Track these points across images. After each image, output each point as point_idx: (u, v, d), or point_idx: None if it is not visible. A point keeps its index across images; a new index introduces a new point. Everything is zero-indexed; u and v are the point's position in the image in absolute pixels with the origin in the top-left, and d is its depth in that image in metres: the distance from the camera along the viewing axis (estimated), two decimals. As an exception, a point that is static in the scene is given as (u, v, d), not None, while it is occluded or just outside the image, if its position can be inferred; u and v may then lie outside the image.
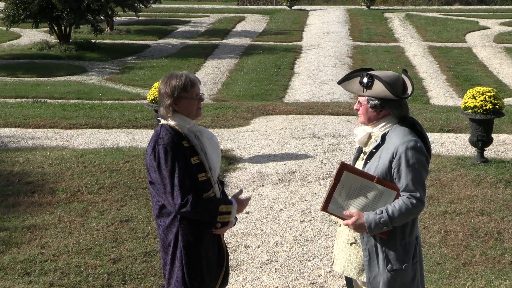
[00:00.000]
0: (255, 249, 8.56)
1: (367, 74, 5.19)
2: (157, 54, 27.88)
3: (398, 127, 5.17)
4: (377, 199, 5.12)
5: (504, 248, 8.39)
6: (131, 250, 8.36)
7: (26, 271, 7.82)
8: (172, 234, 5.37)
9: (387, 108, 5.19)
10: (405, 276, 5.20)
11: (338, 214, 5.21)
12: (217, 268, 5.53)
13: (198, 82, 5.44)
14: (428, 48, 28.92)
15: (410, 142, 5.07)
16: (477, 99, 11.29)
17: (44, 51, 27.49)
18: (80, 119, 15.20)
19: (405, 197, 5.06)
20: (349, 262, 5.32)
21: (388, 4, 46.70)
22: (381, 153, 5.15)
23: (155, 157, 5.27)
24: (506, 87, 21.39)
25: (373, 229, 5.06)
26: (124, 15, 35.48)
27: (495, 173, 11.00)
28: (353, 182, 5.13)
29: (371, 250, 5.18)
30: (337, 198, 5.17)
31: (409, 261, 5.19)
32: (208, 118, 15.18)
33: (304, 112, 16.22)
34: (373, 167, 5.16)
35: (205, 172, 5.36)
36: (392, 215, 5.02)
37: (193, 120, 5.44)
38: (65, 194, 10.30)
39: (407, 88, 5.24)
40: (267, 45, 30.04)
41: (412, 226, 5.22)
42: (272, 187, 10.79)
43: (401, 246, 5.17)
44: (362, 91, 5.23)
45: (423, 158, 5.10)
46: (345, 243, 5.34)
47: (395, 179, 5.10)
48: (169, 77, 5.41)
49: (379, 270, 5.16)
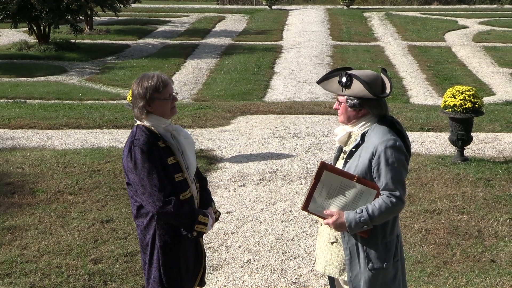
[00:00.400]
0: (236, 248, 8.56)
1: (346, 74, 5.19)
2: (137, 54, 27.81)
3: (377, 126, 5.18)
4: (357, 198, 5.13)
5: (484, 246, 8.44)
6: (112, 251, 8.33)
7: (6, 272, 7.78)
8: (149, 234, 5.36)
9: (366, 107, 5.19)
10: (386, 275, 5.21)
11: (318, 214, 5.21)
12: (195, 268, 5.53)
13: (170, 82, 5.41)
14: (407, 47, 29.02)
15: (389, 141, 5.08)
16: (456, 98, 11.34)
17: (23, 51, 27.35)
18: (60, 119, 15.13)
19: (385, 196, 5.07)
20: (330, 261, 5.32)
21: (367, 4, 46.84)
22: (361, 152, 5.16)
23: (131, 159, 5.25)
24: (485, 86, 21.51)
25: (353, 228, 5.07)
26: (104, 15, 35.37)
27: (475, 172, 11.05)
28: (333, 181, 5.14)
29: (352, 249, 5.19)
30: (317, 198, 5.17)
31: (390, 260, 5.20)
32: (188, 118, 15.16)
33: (285, 112, 16.24)
34: (353, 166, 5.16)
35: (182, 172, 5.36)
36: (372, 214, 5.03)
37: (168, 120, 5.42)
38: (45, 194, 10.25)
39: (386, 87, 5.25)
40: (247, 44, 30.05)
41: (393, 225, 5.24)
42: (253, 186, 10.79)
43: (382, 245, 5.18)
44: (341, 90, 5.23)
45: (403, 157, 5.11)
46: (327, 242, 5.35)
47: (375, 178, 5.11)
48: (141, 78, 5.37)
49: (360, 269, 5.17)
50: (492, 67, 24.75)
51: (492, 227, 8.96)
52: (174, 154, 5.35)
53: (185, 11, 42.31)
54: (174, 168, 5.32)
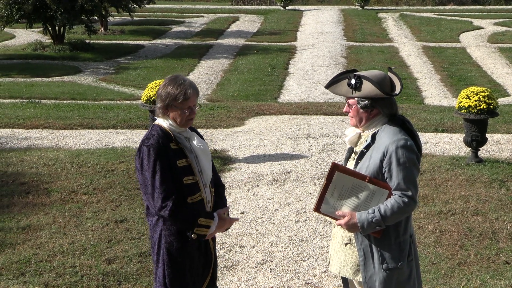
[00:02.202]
0: (250, 249, 8.56)
1: (355, 76, 5.18)
2: (151, 54, 27.85)
3: (387, 127, 5.18)
4: (369, 198, 5.13)
5: (498, 248, 8.41)
6: (126, 251, 8.35)
7: (21, 272, 7.81)
8: (156, 234, 5.38)
9: (378, 107, 5.18)
10: (401, 275, 5.21)
11: (330, 215, 5.21)
12: (203, 272, 5.49)
13: (195, 94, 5.37)
14: (422, 48, 28.93)
15: (400, 141, 5.08)
16: (471, 99, 11.30)
17: (38, 51, 27.44)
18: (75, 119, 15.18)
19: (397, 195, 5.08)
20: (344, 262, 5.32)
21: (382, 4, 46.74)
22: (372, 152, 5.16)
23: (139, 158, 5.28)
24: (500, 87, 21.41)
25: (366, 228, 5.07)
26: (118, 16, 35.42)
27: (489, 173, 11.01)
28: (345, 182, 5.13)
29: (366, 250, 5.19)
30: (329, 199, 5.17)
31: (405, 259, 5.20)
32: (202, 119, 15.17)
33: (299, 112, 16.23)
34: (364, 167, 5.16)
35: (193, 175, 5.33)
36: (384, 214, 5.03)
37: (183, 128, 5.40)
38: (59, 194, 10.29)
39: (395, 85, 5.23)
40: (262, 45, 30.03)
41: (406, 225, 5.24)
42: (267, 187, 10.79)
43: (395, 244, 5.18)
44: (351, 93, 5.22)
45: (414, 157, 5.10)
46: (340, 244, 5.34)
47: (387, 178, 5.11)
48: (170, 81, 5.37)
49: (375, 270, 5.17)
50: (507, 68, 24.64)
51: (506, 229, 8.93)
52: (186, 157, 5.34)
53: (199, 12, 42.33)
54: (184, 171, 5.30)
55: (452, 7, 45.77)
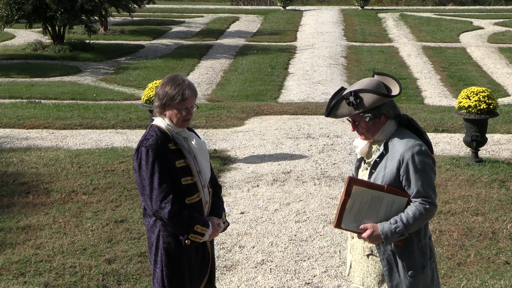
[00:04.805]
0: (250, 249, 8.56)
1: (351, 93, 5.09)
2: (151, 54, 27.85)
3: (398, 134, 5.12)
4: (389, 208, 5.07)
5: (498, 248, 8.41)
6: (126, 251, 8.35)
7: (21, 272, 7.81)
8: (154, 234, 5.37)
9: (384, 113, 5.11)
10: (426, 278, 5.17)
11: (352, 229, 5.15)
12: (201, 272, 5.49)
13: (193, 95, 5.34)
14: (422, 48, 28.94)
15: (415, 147, 5.03)
16: (471, 99, 11.30)
17: (38, 51, 27.45)
18: (75, 119, 15.18)
19: (418, 202, 5.02)
20: (367, 273, 5.24)
21: (382, 4, 46.73)
22: (386, 161, 5.10)
23: (137, 158, 5.28)
24: (500, 87, 21.41)
25: (389, 239, 5.02)
26: (118, 16, 35.43)
27: (489, 173, 11.01)
28: (364, 195, 5.06)
29: (389, 259, 5.13)
30: (349, 213, 5.09)
31: (427, 263, 5.17)
32: (202, 119, 15.17)
33: (299, 112, 16.23)
34: (380, 177, 5.10)
35: (192, 176, 5.33)
36: (407, 222, 4.99)
37: (180, 128, 5.40)
38: (59, 194, 10.29)
39: (388, 86, 5.17)
40: (262, 45, 30.03)
41: (426, 229, 5.21)
42: (267, 187, 10.79)
43: (418, 250, 5.14)
44: (354, 110, 5.11)
45: (430, 161, 5.06)
46: (362, 255, 5.26)
47: (405, 186, 5.05)
48: (168, 80, 5.35)
49: (400, 278, 5.11)
50: (507, 68, 24.64)
51: (506, 229, 8.93)
52: (184, 157, 5.33)
53: (199, 12, 42.33)
54: (183, 171, 5.29)
55: (452, 7, 45.78)
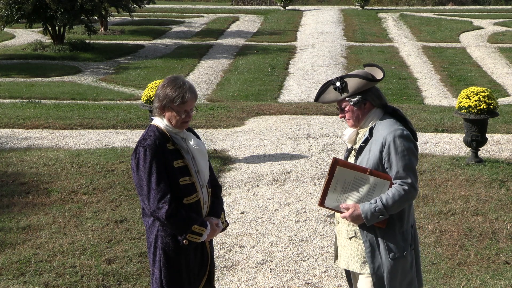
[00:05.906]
0: (250, 249, 8.56)
1: (337, 78, 5.37)
2: (152, 54, 27.85)
3: (383, 120, 5.34)
4: (371, 190, 5.28)
5: (498, 248, 8.41)
6: (126, 251, 8.35)
7: (21, 272, 7.81)
8: (153, 234, 5.39)
9: (369, 100, 5.35)
10: (405, 263, 5.34)
11: (335, 208, 5.36)
12: (199, 272, 5.50)
13: (193, 98, 5.34)
14: (422, 48, 28.94)
15: (397, 130, 5.25)
16: (471, 99, 11.30)
17: (38, 51, 27.44)
18: (75, 119, 15.18)
19: (397, 184, 5.23)
20: (351, 256, 5.42)
21: (382, 4, 46.73)
22: (371, 145, 5.32)
23: (135, 158, 5.28)
24: (500, 87, 21.41)
25: (369, 219, 5.20)
26: (118, 16, 35.43)
27: (489, 173, 11.01)
28: (347, 176, 5.29)
29: (372, 241, 5.30)
30: (333, 193, 5.33)
31: (408, 248, 5.34)
32: (202, 119, 15.17)
33: (299, 112, 16.23)
34: (365, 160, 5.32)
35: (190, 176, 5.34)
36: (386, 203, 5.17)
37: (178, 129, 5.40)
38: (59, 194, 10.29)
39: (374, 74, 5.39)
40: (262, 45, 30.03)
41: (408, 214, 5.38)
42: (267, 187, 10.79)
43: (400, 234, 5.31)
44: (340, 95, 5.38)
45: (412, 145, 5.27)
46: (346, 239, 5.45)
47: (387, 168, 5.27)
48: (169, 82, 5.35)
49: (382, 260, 5.29)
50: (507, 68, 24.65)
51: (506, 229, 8.93)
52: (182, 157, 5.33)
53: (199, 12, 42.32)
54: (181, 171, 5.30)
55: (452, 7, 45.77)
